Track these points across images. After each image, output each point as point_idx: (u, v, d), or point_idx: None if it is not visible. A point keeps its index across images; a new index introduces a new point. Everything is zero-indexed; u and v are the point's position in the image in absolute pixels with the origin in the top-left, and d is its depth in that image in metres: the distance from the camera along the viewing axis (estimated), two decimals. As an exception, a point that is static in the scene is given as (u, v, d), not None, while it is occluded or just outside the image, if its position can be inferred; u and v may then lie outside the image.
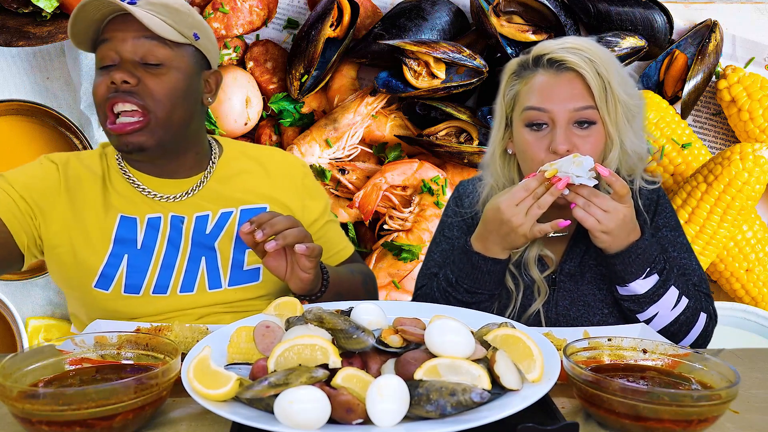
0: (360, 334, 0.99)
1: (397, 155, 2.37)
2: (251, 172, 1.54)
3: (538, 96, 1.41)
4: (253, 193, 1.51)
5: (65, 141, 2.33)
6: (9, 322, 2.31)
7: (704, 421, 0.93)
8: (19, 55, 2.32)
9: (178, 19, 1.39)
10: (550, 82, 1.40)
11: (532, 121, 1.41)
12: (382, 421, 0.86)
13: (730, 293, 2.36)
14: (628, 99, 1.41)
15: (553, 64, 1.41)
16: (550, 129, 1.40)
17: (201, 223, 1.46)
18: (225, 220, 1.47)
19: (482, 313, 1.21)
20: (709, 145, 2.43)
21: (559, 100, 1.39)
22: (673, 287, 1.38)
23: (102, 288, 1.41)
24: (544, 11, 2.27)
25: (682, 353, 1.07)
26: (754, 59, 2.38)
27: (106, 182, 1.46)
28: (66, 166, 1.48)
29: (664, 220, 1.51)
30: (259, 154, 1.59)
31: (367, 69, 2.40)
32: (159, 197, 1.46)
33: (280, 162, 1.59)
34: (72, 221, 1.42)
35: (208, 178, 1.50)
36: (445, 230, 1.61)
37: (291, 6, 2.39)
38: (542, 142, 1.40)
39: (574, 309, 1.47)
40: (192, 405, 1.01)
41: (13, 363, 0.97)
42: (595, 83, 1.37)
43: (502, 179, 1.52)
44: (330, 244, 1.61)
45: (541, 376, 0.94)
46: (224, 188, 1.50)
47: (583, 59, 1.38)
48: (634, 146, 1.43)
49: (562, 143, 1.37)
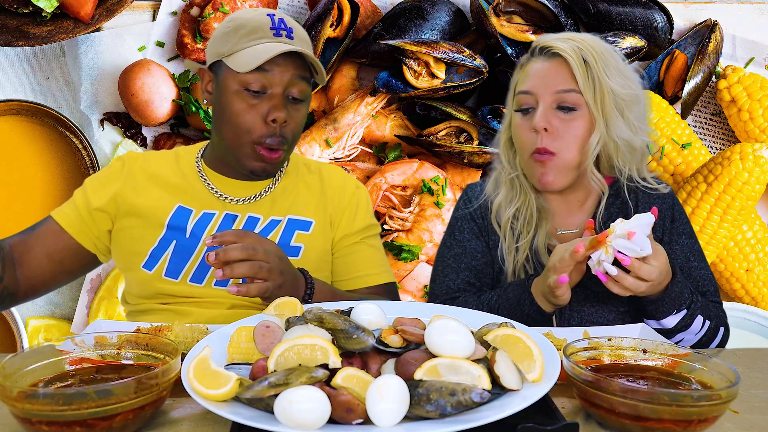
0: (360, 334, 0.99)
1: (397, 155, 2.37)
2: (310, 187, 1.60)
3: (528, 81, 1.47)
4: (305, 206, 1.57)
5: (65, 141, 2.33)
6: (9, 322, 2.31)
7: (704, 421, 0.93)
8: (19, 55, 2.32)
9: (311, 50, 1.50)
10: (540, 67, 1.46)
11: (521, 105, 1.47)
12: (382, 421, 0.86)
13: (730, 293, 2.36)
14: (619, 89, 1.43)
15: (544, 50, 1.47)
16: (535, 111, 1.45)
17: (250, 224, 1.52)
18: (273, 227, 1.53)
19: (482, 313, 1.21)
20: (709, 145, 2.43)
21: (544, 83, 1.44)
22: (699, 316, 1.39)
23: (147, 269, 1.49)
24: (544, 11, 2.27)
25: (682, 353, 1.07)
26: (754, 59, 2.38)
27: (176, 177, 1.55)
28: (133, 160, 1.58)
29: (682, 227, 1.52)
30: (319, 169, 1.65)
31: (367, 69, 2.40)
32: (225, 197, 1.54)
33: (336, 179, 1.63)
34: (133, 207, 1.51)
35: (274, 186, 1.58)
36: (456, 233, 1.60)
37: (291, 6, 2.39)
38: (528, 124, 1.45)
39: (588, 305, 1.46)
40: (192, 405, 1.01)
41: (13, 363, 0.97)
42: (579, 69, 1.42)
43: (507, 163, 1.56)
44: (352, 265, 1.59)
45: (541, 376, 0.94)
46: (283, 197, 1.57)
47: (572, 47, 1.43)
48: (625, 135, 1.43)
49: (541, 120, 1.42)
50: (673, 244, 1.50)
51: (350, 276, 1.58)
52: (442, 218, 2.31)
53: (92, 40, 2.28)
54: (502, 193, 1.55)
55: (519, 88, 1.48)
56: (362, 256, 1.59)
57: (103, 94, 2.33)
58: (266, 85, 1.44)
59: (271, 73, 1.44)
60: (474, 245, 1.56)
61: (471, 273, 1.55)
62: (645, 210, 1.50)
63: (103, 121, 2.35)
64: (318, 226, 1.56)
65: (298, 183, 1.60)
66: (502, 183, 1.56)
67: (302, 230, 1.55)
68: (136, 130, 2.36)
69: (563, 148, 1.43)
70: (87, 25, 2.21)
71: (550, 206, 1.54)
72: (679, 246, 1.50)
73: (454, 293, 1.54)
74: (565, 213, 1.54)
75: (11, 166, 2.34)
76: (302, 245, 1.53)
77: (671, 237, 1.50)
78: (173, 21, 2.34)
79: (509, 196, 1.54)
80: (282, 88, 1.45)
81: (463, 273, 1.55)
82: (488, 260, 1.56)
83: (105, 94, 2.33)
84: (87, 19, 2.20)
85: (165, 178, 1.55)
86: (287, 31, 1.46)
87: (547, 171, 1.44)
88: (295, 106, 1.48)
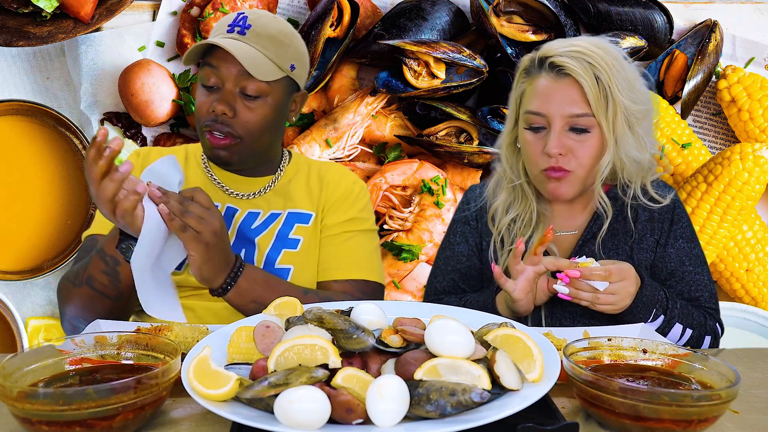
0: (360, 334, 0.99)
1: (397, 155, 2.37)
2: (310, 183, 1.62)
3: (537, 100, 1.43)
4: (306, 200, 1.59)
5: (65, 141, 2.33)
6: (9, 322, 2.31)
7: (704, 421, 0.93)
8: (19, 55, 2.32)
9: (279, 53, 1.49)
10: (550, 86, 1.43)
11: (531, 124, 1.45)
12: (382, 421, 0.86)
13: (730, 293, 2.36)
14: (631, 104, 1.41)
15: (554, 68, 1.42)
16: (547, 132, 1.43)
17: (250, 218, 1.55)
18: (272, 220, 1.56)
19: (482, 313, 1.22)
20: (709, 145, 2.43)
21: (556, 105, 1.41)
22: (678, 324, 1.41)
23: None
24: (544, 11, 2.27)
25: (682, 353, 1.07)
26: (754, 59, 2.38)
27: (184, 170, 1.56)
28: (148, 156, 1.61)
29: (681, 230, 1.52)
30: (320, 167, 1.67)
31: (367, 69, 2.40)
32: (229, 191, 1.57)
33: (335, 173, 1.65)
34: None
35: (275, 183, 1.60)
36: (450, 236, 1.64)
37: (291, 6, 2.39)
38: (539, 143, 1.44)
39: (580, 309, 1.46)
40: (192, 405, 1.01)
41: (13, 363, 0.97)
42: (592, 91, 1.39)
43: (510, 169, 1.55)
44: (323, 257, 1.57)
45: (541, 376, 0.94)
46: (283, 193, 1.59)
47: (584, 65, 1.39)
48: (632, 154, 1.44)
49: (555, 147, 1.41)
50: (668, 247, 1.50)
51: (321, 267, 1.56)
52: (442, 218, 2.31)
53: (92, 40, 2.28)
54: (501, 198, 1.56)
55: (528, 106, 1.45)
56: (337, 249, 1.56)
57: (103, 94, 2.33)
58: (217, 81, 1.47)
59: (218, 69, 1.47)
60: (462, 249, 1.60)
61: (457, 275, 1.60)
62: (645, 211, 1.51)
63: (103, 121, 2.35)
64: (316, 219, 1.59)
65: (299, 179, 1.62)
66: (503, 188, 1.56)
67: (302, 223, 1.57)
68: (136, 130, 2.36)
69: (578, 166, 1.43)
70: (87, 25, 2.21)
71: (552, 210, 1.54)
72: (675, 249, 1.50)
73: (440, 294, 1.60)
74: (566, 216, 1.55)
75: (11, 166, 2.34)
76: (301, 237, 1.55)
77: (667, 240, 1.50)
78: (173, 21, 2.34)
79: (508, 201, 1.55)
80: (232, 84, 1.46)
81: (449, 275, 1.60)
82: (474, 263, 1.59)
83: (105, 94, 2.33)
84: (87, 19, 2.20)
85: None
86: (241, 27, 1.47)
87: (561, 185, 1.45)
88: (249, 102, 1.48)
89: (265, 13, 1.54)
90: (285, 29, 1.52)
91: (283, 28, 1.52)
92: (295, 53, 1.52)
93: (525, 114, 1.46)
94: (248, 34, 1.47)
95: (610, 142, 1.42)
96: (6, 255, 2.34)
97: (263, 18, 1.50)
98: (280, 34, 1.50)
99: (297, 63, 1.52)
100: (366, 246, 1.60)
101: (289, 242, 1.54)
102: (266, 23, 1.49)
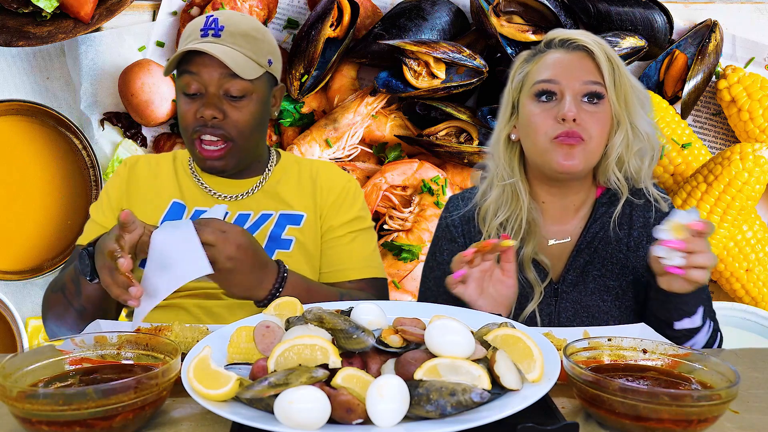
0: (360, 334, 0.99)
1: (397, 155, 2.37)
2: (301, 182, 1.62)
3: (550, 70, 1.44)
4: (297, 201, 1.59)
5: (65, 141, 2.33)
6: (9, 322, 2.31)
7: (704, 421, 0.93)
8: (19, 55, 2.32)
9: (256, 49, 1.50)
10: (562, 58, 1.45)
11: (543, 90, 1.43)
12: (382, 421, 0.86)
13: (730, 293, 2.36)
14: (638, 85, 1.45)
15: (565, 43, 1.46)
16: (558, 101, 1.42)
17: (241, 220, 1.55)
18: (263, 221, 1.56)
19: (482, 313, 1.21)
20: (709, 145, 2.43)
21: (570, 73, 1.42)
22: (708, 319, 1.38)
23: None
24: (544, 11, 2.27)
25: (682, 353, 1.07)
26: (754, 59, 2.38)
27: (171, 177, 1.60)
28: (135, 165, 1.62)
29: None
30: (311, 166, 1.66)
31: (367, 69, 2.40)
32: (216, 194, 1.58)
33: (327, 173, 1.65)
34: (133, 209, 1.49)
35: (263, 183, 1.60)
36: (437, 253, 1.60)
37: (291, 6, 2.39)
38: (550, 112, 1.42)
39: (578, 320, 1.46)
40: (192, 405, 1.01)
41: (13, 363, 0.97)
42: (605, 62, 1.42)
43: (504, 166, 1.52)
44: (334, 258, 1.59)
45: (541, 376, 0.94)
46: (273, 194, 1.59)
47: (595, 41, 1.44)
48: (645, 128, 1.44)
49: (571, 110, 1.39)
50: None
51: (332, 268, 1.58)
52: (442, 218, 2.31)
53: (92, 40, 2.28)
54: (492, 197, 1.52)
55: (539, 77, 1.44)
56: (345, 249, 1.59)
57: (103, 94, 2.33)
58: (199, 87, 1.48)
59: (198, 75, 1.47)
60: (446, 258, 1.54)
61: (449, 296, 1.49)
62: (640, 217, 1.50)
63: (103, 121, 2.35)
64: (309, 220, 1.58)
65: (288, 179, 1.62)
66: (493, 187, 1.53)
67: (293, 224, 1.57)
68: (136, 130, 2.36)
69: (592, 137, 1.41)
70: (87, 25, 2.21)
71: (544, 213, 1.51)
72: None
73: None
74: (560, 218, 1.52)
75: (11, 166, 2.34)
76: (293, 238, 1.55)
77: None
78: (173, 21, 2.34)
79: (499, 201, 1.51)
80: (215, 88, 1.47)
81: (441, 297, 1.52)
82: None
83: (105, 94, 2.33)
84: (87, 19, 2.20)
85: (162, 178, 1.59)
86: (214, 29, 1.48)
87: (574, 154, 1.40)
88: (235, 103, 1.49)
89: (233, 13, 1.56)
90: (256, 25, 1.53)
91: (254, 24, 1.53)
92: (269, 47, 1.54)
93: (535, 84, 1.44)
94: (223, 36, 1.47)
95: (623, 117, 1.42)
96: (6, 255, 2.34)
97: (233, 17, 1.52)
98: (252, 30, 1.51)
99: (272, 57, 1.54)
100: (370, 244, 1.63)
101: (281, 243, 1.55)
102: (238, 21, 1.51)
